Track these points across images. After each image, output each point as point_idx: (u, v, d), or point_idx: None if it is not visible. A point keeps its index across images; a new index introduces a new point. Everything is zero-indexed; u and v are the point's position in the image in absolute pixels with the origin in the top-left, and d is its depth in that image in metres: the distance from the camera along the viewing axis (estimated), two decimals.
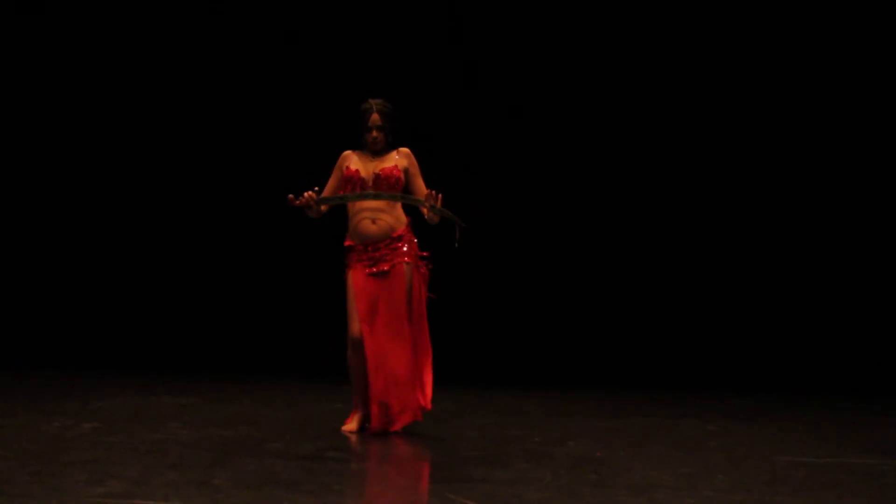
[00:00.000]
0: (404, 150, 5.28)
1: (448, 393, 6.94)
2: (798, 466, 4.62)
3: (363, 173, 5.18)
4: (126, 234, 8.29)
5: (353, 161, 5.23)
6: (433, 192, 5.02)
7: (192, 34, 8.15)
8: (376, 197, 5.12)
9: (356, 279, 5.16)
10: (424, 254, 5.31)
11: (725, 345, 7.96)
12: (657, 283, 8.11)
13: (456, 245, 5.02)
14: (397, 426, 5.18)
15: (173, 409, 5.90)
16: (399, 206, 5.23)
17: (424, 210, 5.07)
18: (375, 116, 5.20)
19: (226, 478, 4.05)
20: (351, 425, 5.27)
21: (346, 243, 5.24)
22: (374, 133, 5.20)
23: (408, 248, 5.19)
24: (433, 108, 7.94)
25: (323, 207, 5.16)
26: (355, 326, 5.14)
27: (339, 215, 5.39)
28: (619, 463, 4.60)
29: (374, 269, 5.14)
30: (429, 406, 5.31)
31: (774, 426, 5.91)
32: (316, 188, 5.12)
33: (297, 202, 5.08)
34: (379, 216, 5.14)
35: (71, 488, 3.81)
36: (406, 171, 5.23)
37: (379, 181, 5.16)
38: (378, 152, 5.25)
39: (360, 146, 5.31)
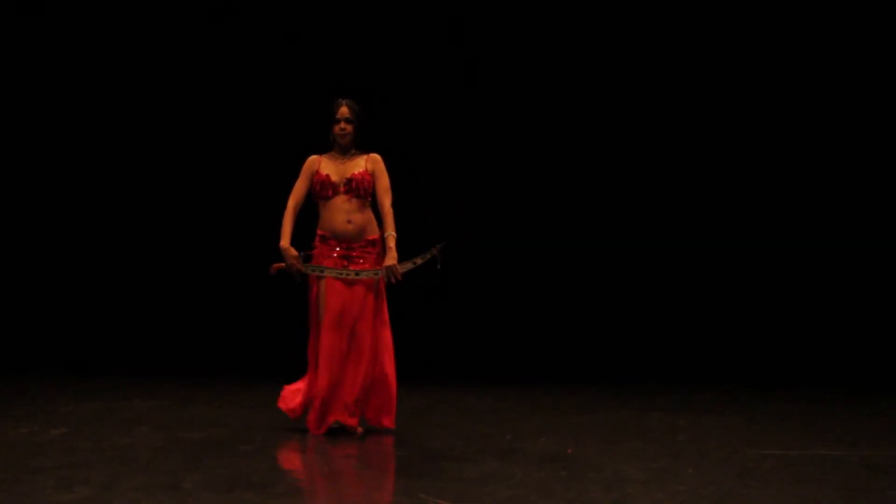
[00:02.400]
0: (374, 155, 5.32)
1: (419, 391, 6.94)
2: (766, 459, 4.66)
3: (335, 177, 5.25)
4: (96, 237, 8.23)
5: (322, 165, 5.29)
6: (395, 271, 5.13)
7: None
8: (357, 275, 5.17)
9: (326, 279, 5.19)
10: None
11: (694, 339, 8.00)
12: (625, 279, 8.15)
13: (438, 266, 5.20)
14: (333, 419, 5.20)
15: (142, 412, 5.86)
16: (370, 210, 5.28)
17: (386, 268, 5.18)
18: (344, 109, 5.28)
19: (196, 481, 4.02)
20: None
21: (319, 232, 5.29)
22: (343, 124, 5.26)
23: (377, 258, 5.26)
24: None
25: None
26: (323, 317, 5.19)
27: (309, 216, 5.43)
28: (590, 458, 4.62)
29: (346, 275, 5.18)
30: (387, 423, 5.33)
31: (743, 419, 5.95)
32: (303, 252, 5.23)
33: (280, 266, 5.23)
34: (354, 217, 5.22)
35: (38, 495, 3.77)
36: (373, 174, 5.28)
37: (351, 185, 5.22)
38: (346, 150, 5.30)
39: (328, 148, 5.34)
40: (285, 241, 5.22)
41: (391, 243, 5.18)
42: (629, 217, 8.18)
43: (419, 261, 5.24)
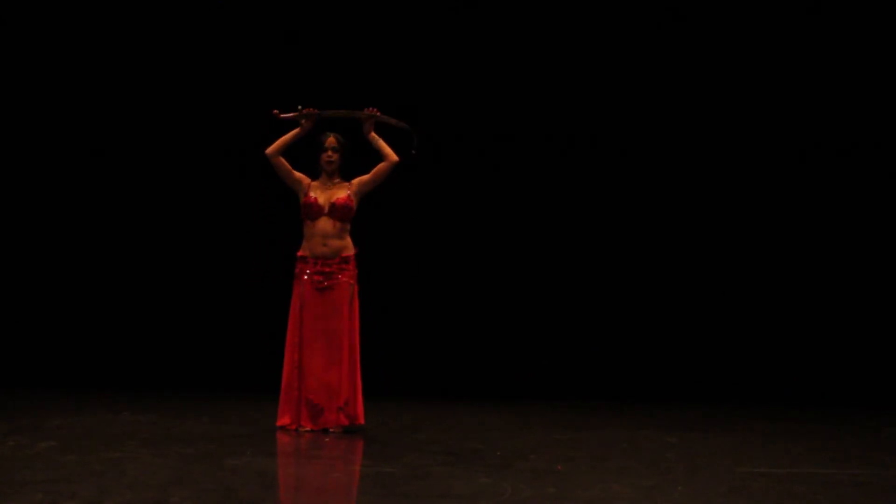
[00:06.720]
0: (354, 180, 5.95)
1: (409, 406, 6.95)
2: (756, 477, 4.66)
3: (321, 201, 5.86)
4: (83, 250, 8.20)
5: (312, 189, 5.90)
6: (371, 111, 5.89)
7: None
8: (357, 114, 5.94)
9: (305, 291, 5.81)
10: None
11: (683, 356, 8.00)
12: (615, 295, 8.15)
13: (413, 152, 5.88)
14: (328, 424, 5.72)
15: (131, 426, 5.85)
16: (348, 233, 5.86)
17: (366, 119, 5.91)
18: (332, 139, 5.94)
19: (184, 496, 4.01)
20: (297, 425, 5.76)
21: (300, 253, 5.91)
22: (330, 153, 5.91)
23: (352, 271, 5.87)
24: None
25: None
26: (298, 334, 5.79)
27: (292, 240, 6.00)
28: (579, 476, 4.62)
29: (322, 285, 5.79)
30: (361, 420, 5.82)
31: (732, 437, 5.97)
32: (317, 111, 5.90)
33: (289, 115, 5.83)
34: (329, 241, 5.84)
35: None
36: (359, 190, 5.89)
37: (335, 209, 5.84)
38: (332, 176, 5.92)
39: (317, 175, 5.93)
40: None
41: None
42: (617, 231, 8.17)
43: (394, 121, 5.92)
